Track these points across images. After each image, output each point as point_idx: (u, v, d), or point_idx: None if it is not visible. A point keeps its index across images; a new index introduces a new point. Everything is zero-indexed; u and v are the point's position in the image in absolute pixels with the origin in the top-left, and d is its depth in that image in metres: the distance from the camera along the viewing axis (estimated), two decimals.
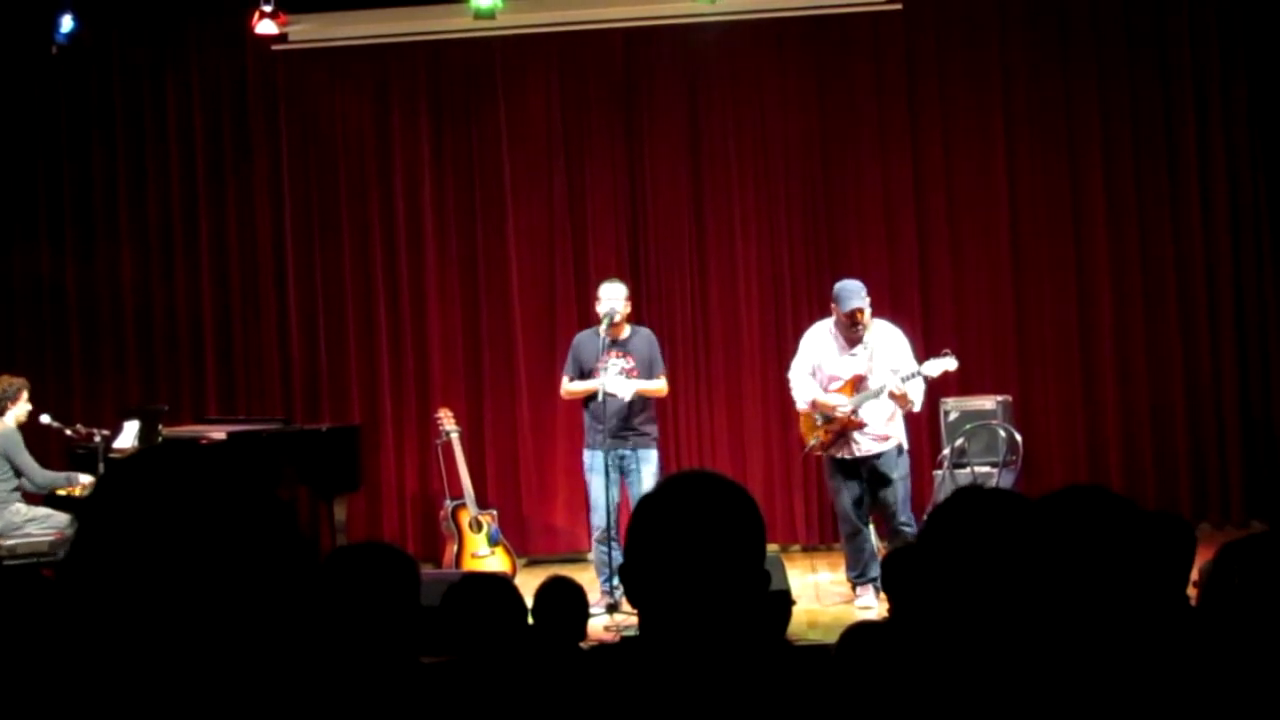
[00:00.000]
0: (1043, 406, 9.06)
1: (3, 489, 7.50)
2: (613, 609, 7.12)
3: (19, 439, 7.58)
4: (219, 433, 7.85)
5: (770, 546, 8.17)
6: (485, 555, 8.18)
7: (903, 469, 7.23)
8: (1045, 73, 9.13)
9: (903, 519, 7.10)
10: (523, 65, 9.38)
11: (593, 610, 5.47)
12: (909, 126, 9.17)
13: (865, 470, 7.18)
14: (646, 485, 7.19)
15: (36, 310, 9.57)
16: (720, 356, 9.29)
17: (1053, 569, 2.14)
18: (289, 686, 1.45)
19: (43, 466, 7.70)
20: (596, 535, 7.50)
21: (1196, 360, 9.03)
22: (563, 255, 9.35)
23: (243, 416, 8.90)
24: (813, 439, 7.27)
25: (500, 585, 3.52)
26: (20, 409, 7.68)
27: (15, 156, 9.57)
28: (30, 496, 7.69)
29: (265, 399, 9.41)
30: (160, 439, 7.79)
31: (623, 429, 7.35)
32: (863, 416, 7.08)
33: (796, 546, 9.20)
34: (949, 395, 8.30)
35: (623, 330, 7.46)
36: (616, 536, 7.20)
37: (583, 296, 8.88)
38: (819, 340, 7.29)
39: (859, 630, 3.19)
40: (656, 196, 9.32)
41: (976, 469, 7.91)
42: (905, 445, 7.29)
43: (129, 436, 7.94)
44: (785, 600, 5.79)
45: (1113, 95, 9.07)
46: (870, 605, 7.09)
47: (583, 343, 7.56)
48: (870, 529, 7.35)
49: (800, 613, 6.78)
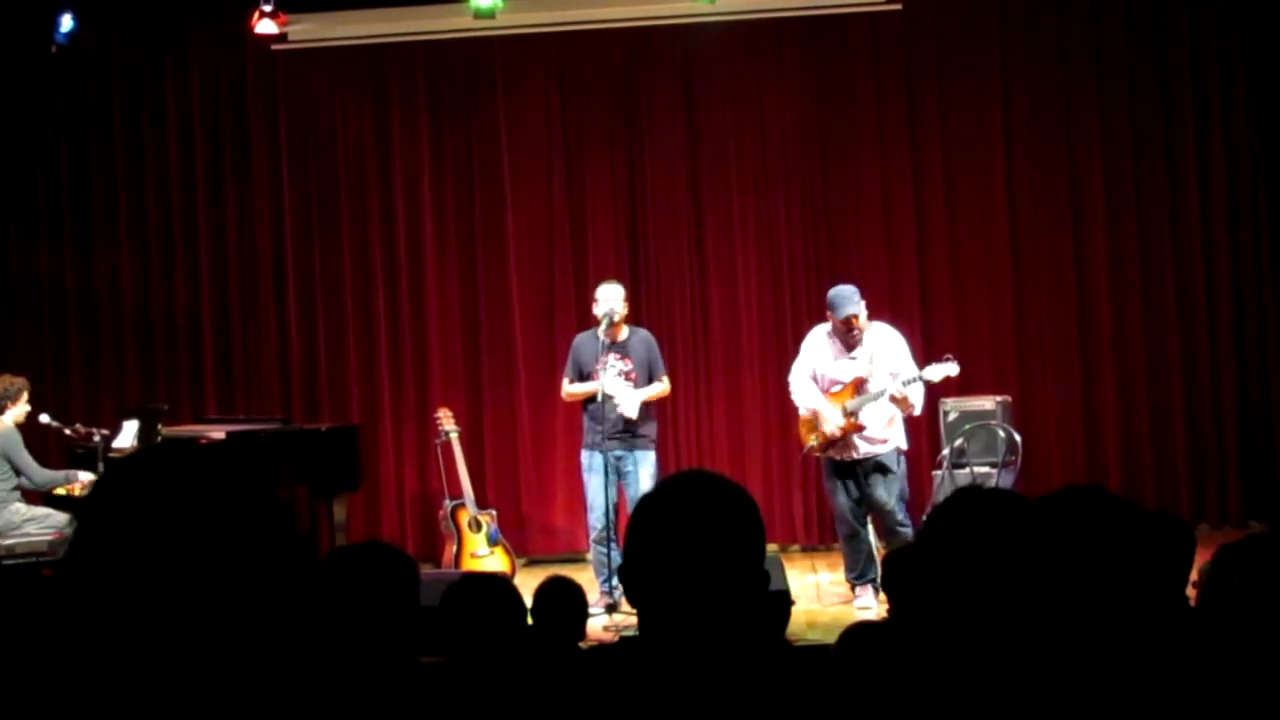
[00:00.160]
0: (1042, 407, 9.06)
1: (2, 488, 7.49)
2: (612, 609, 7.12)
3: (18, 438, 7.58)
4: (218, 432, 7.85)
5: (769, 547, 8.15)
6: (484, 555, 8.18)
7: (899, 470, 7.21)
8: (1045, 74, 9.13)
9: (899, 519, 7.10)
10: (522, 65, 9.38)
11: (592, 610, 5.46)
12: (908, 126, 9.17)
13: (862, 471, 7.17)
14: (644, 486, 7.19)
15: (35, 309, 9.56)
16: (719, 357, 9.29)
17: (1052, 569, 2.14)
18: (288, 686, 1.45)
19: (42, 466, 7.70)
20: (594, 536, 7.49)
21: (1195, 360, 9.03)
22: (562, 255, 9.35)
23: (242, 416, 8.89)
24: (811, 440, 7.27)
25: (499, 585, 3.52)
26: (20, 409, 7.68)
27: (14, 156, 9.56)
28: (29, 496, 7.69)
29: (264, 398, 9.41)
30: (159, 438, 7.79)
31: (621, 430, 7.35)
32: (862, 419, 7.08)
33: (796, 547, 9.20)
34: (948, 396, 8.29)
35: (620, 331, 7.46)
36: (615, 537, 7.20)
37: (582, 296, 8.88)
38: (818, 344, 7.28)
39: (858, 630, 3.19)
40: (656, 197, 9.32)
41: (976, 469, 7.90)
42: (904, 448, 7.29)
43: (128, 436, 7.94)
44: (784, 600, 5.79)
45: (1112, 96, 9.07)
46: (869, 605, 7.09)
47: (582, 344, 7.56)
48: (868, 530, 7.35)
49: (799, 613, 6.78)
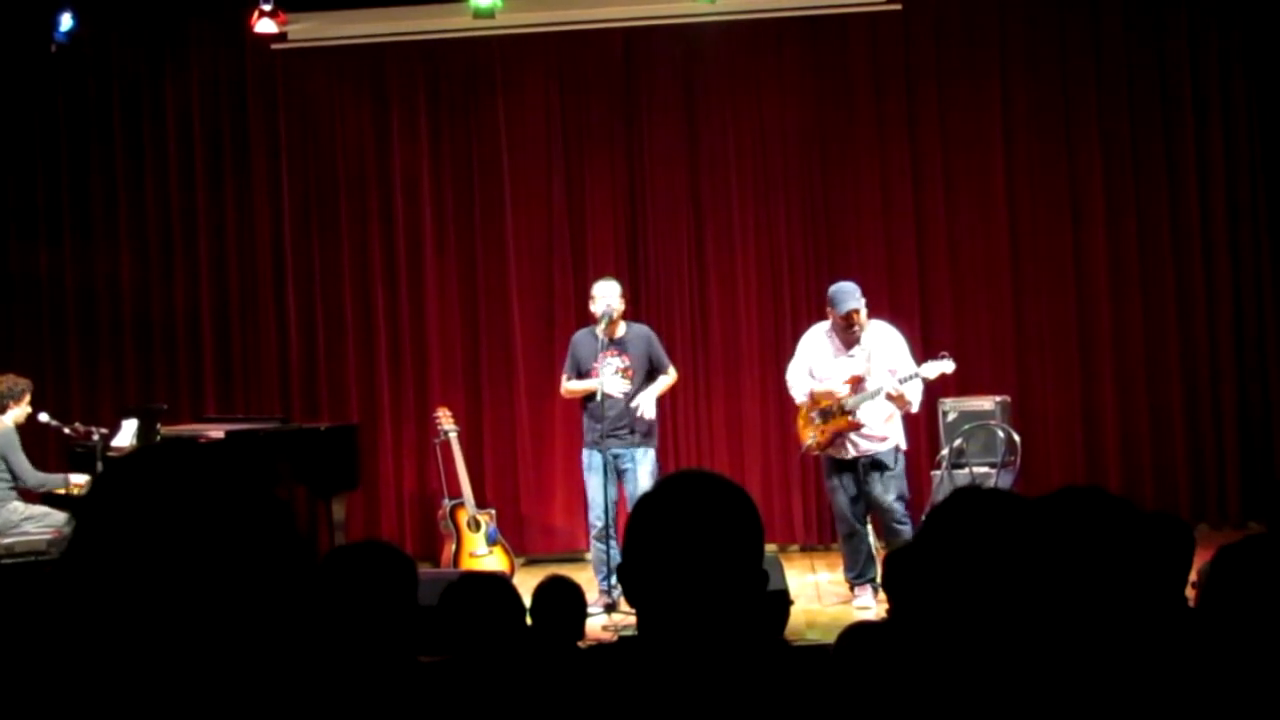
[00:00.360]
0: (1041, 407, 9.06)
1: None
2: (611, 608, 7.12)
3: (15, 439, 7.58)
4: (217, 431, 7.85)
5: (768, 546, 8.17)
6: (483, 554, 8.18)
7: (899, 469, 7.21)
8: (1045, 74, 9.13)
9: (899, 519, 7.09)
10: (522, 65, 9.38)
11: (591, 610, 5.46)
12: (908, 126, 9.17)
13: (862, 470, 7.17)
14: (643, 485, 7.19)
15: (35, 309, 9.56)
16: (719, 356, 9.29)
17: (1050, 570, 2.14)
18: (287, 685, 1.45)
19: (40, 466, 7.70)
20: (594, 534, 7.50)
21: (1195, 360, 9.04)
22: (561, 254, 9.35)
23: (241, 415, 8.89)
24: (809, 438, 7.26)
25: (498, 584, 3.52)
26: (21, 410, 7.68)
27: (14, 155, 9.56)
28: (28, 494, 7.69)
29: (263, 398, 9.41)
30: (158, 438, 7.79)
31: (622, 429, 7.35)
32: (860, 417, 7.08)
33: (795, 546, 9.20)
34: (947, 395, 8.30)
35: (618, 328, 7.45)
36: (614, 536, 7.20)
37: (581, 295, 8.86)
38: (816, 342, 7.28)
39: (857, 630, 3.19)
40: (655, 196, 9.32)
41: (975, 469, 7.90)
42: (903, 446, 7.28)
43: (127, 435, 7.94)
44: (783, 600, 5.79)
45: (1112, 96, 9.07)
46: (868, 605, 7.09)
47: (580, 342, 7.56)
48: (868, 529, 7.34)
49: (798, 613, 6.78)
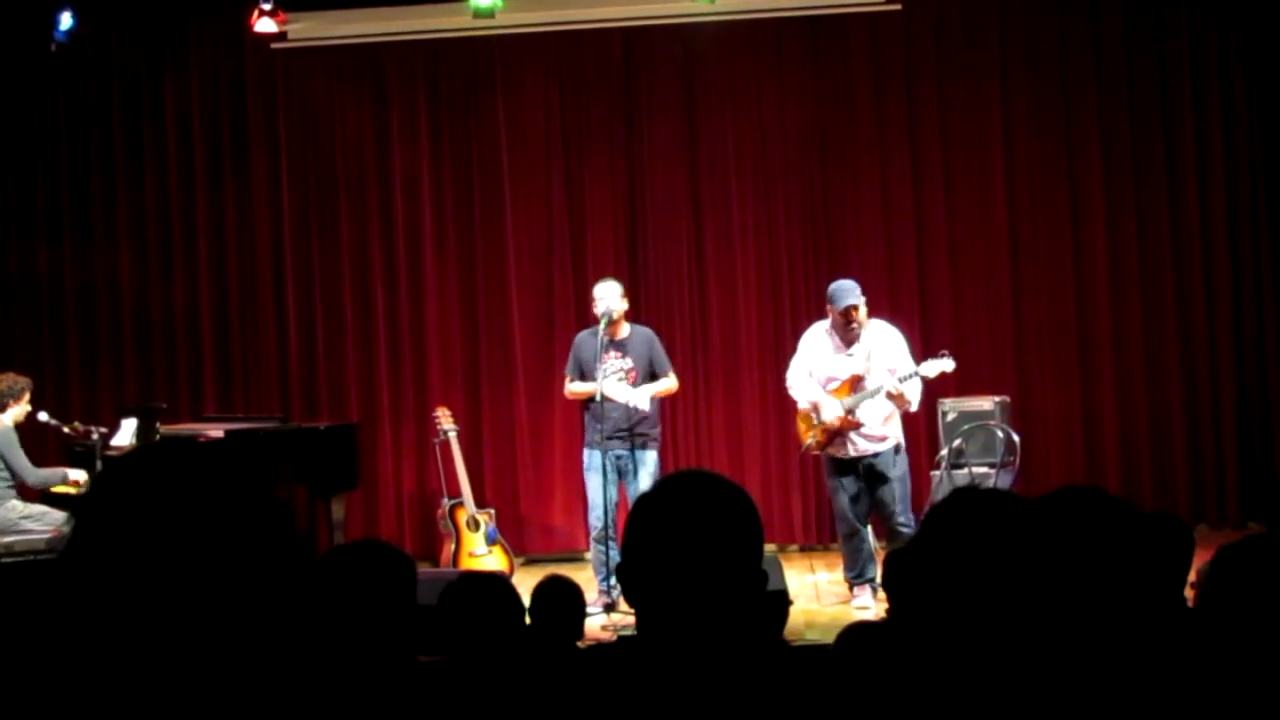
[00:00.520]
0: (1040, 407, 9.06)
1: None
2: (610, 608, 7.12)
3: (14, 437, 7.57)
4: (216, 431, 7.85)
5: (768, 546, 8.18)
6: (482, 554, 8.18)
7: (901, 468, 7.21)
8: (1044, 74, 9.13)
9: (901, 519, 7.09)
10: (521, 64, 9.38)
11: (590, 610, 5.46)
12: (908, 126, 9.17)
13: (863, 469, 7.17)
14: (644, 486, 7.17)
15: (35, 309, 9.55)
16: (718, 356, 9.29)
17: (1049, 570, 2.14)
18: (286, 685, 1.45)
19: (40, 465, 7.70)
20: (594, 535, 7.49)
21: (1194, 361, 9.04)
22: (561, 254, 9.34)
23: (240, 415, 8.89)
24: (809, 438, 7.26)
25: (497, 584, 3.51)
26: (21, 409, 7.68)
27: (14, 154, 9.55)
28: (27, 493, 7.68)
29: (263, 397, 9.40)
30: (157, 437, 7.79)
31: (623, 430, 7.34)
32: (860, 416, 7.08)
33: (794, 546, 9.20)
34: (947, 396, 8.30)
35: (620, 329, 7.45)
36: (614, 536, 7.20)
37: (581, 295, 8.87)
38: (816, 341, 7.28)
39: (856, 630, 3.19)
40: (655, 196, 9.32)
41: (974, 469, 7.91)
42: (903, 445, 7.28)
43: (126, 434, 7.94)
44: (783, 600, 5.79)
45: (1111, 96, 9.07)
46: (867, 605, 7.09)
47: (582, 343, 7.55)
48: (868, 529, 7.35)
49: (798, 613, 6.78)
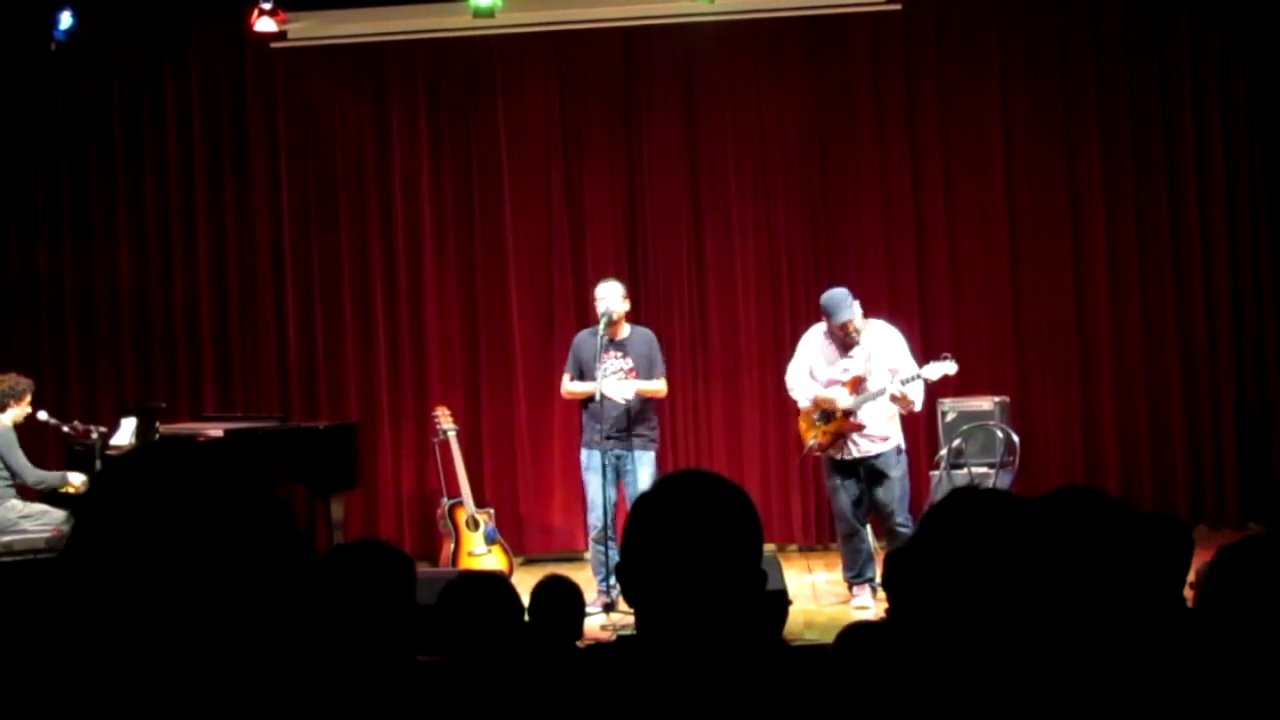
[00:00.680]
0: (1040, 407, 9.06)
1: None
2: (609, 608, 7.12)
3: (13, 437, 7.57)
4: (216, 430, 7.85)
5: (767, 546, 8.16)
6: (482, 554, 8.18)
7: (900, 469, 7.21)
8: (1044, 74, 9.13)
9: (900, 519, 7.09)
10: (521, 64, 9.38)
11: (589, 609, 5.47)
12: (908, 127, 9.17)
13: (863, 470, 7.17)
14: (643, 486, 7.16)
15: (34, 308, 9.55)
16: (718, 356, 9.28)
17: (1049, 570, 2.14)
18: (285, 684, 1.45)
19: (39, 465, 7.70)
20: (593, 534, 7.49)
21: (1193, 361, 9.04)
22: (560, 254, 9.34)
23: (240, 414, 8.88)
24: (811, 439, 7.26)
25: (496, 584, 3.51)
26: (21, 409, 7.68)
27: (13, 154, 9.55)
28: (26, 493, 7.68)
29: (262, 397, 9.40)
30: (157, 436, 7.79)
31: (622, 430, 7.33)
32: (861, 418, 7.08)
33: (793, 546, 9.20)
34: (946, 396, 8.30)
35: (621, 330, 7.44)
36: (613, 536, 7.19)
37: (580, 295, 8.88)
38: (816, 343, 7.28)
39: (855, 630, 3.19)
40: (654, 195, 9.32)
41: (973, 469, 7.91)
42: (903, 445, 7.28)
43: (126, 434, 7.94)
44: (782, 600, 5.79)
45: (1111, 96, 9.07)
46: (867, 605, 7.09)
47: (582, 342, 7.55)
48: (868, 529, 7.35)
49: (797, 613, 6.79)
